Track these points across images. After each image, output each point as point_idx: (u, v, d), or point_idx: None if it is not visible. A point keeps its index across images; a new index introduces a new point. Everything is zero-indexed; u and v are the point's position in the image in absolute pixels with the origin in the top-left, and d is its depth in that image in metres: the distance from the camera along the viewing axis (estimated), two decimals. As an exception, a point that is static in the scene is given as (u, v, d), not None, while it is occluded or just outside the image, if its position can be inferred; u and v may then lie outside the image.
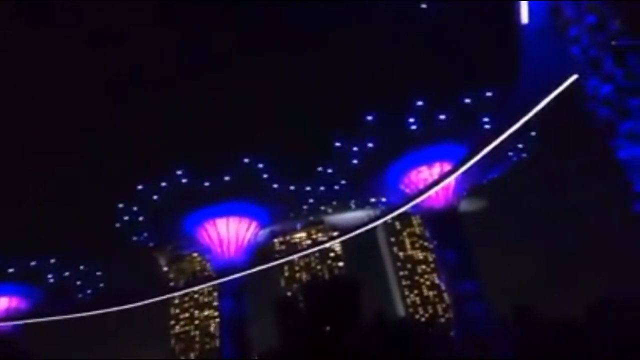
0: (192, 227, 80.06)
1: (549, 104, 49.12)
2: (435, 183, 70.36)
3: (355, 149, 74.00)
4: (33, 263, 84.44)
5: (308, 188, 79.77)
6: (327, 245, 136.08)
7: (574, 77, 43.90)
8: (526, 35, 43.64)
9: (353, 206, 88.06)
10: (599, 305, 63.61)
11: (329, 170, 76.30)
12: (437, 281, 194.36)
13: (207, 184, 75.24)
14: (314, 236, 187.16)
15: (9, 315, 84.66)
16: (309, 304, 55.68)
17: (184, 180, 75.18)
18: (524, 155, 79.74)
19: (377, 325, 52.16)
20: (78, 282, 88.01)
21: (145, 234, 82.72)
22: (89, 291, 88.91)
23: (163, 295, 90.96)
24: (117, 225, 78.98)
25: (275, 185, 77.38)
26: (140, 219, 78.70)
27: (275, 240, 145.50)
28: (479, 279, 72.86)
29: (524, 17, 42.54)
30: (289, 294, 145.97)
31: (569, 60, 40.58)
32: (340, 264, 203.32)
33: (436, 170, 74.30)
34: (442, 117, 69.88)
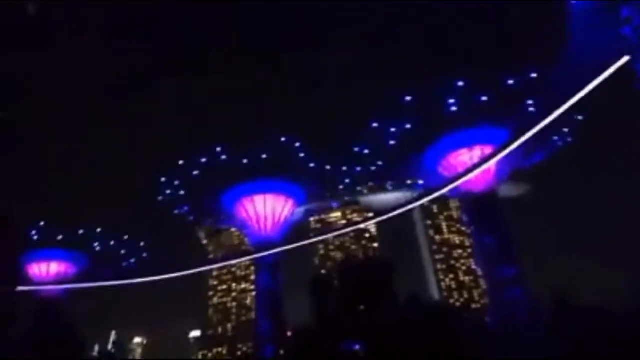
0: (230, 203, 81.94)
1: (597, 86, 47.03)
2: (476, 167, 68.93)
3: (393, 129, 73.28)
4: (81, 232, 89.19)
5: (344, 168, 79.78)
6: (362, 225, 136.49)
7: (625, 58, 41.81)
8: (575, 14, 41.75)
9: (390, 188, 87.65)
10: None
11: (366, 151, 75.99)
12: (473, 266, 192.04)
13: (245, 161, 76.65)
14: (349, 216, 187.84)
15: (59, 280, 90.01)
16: (343, 283, 56.35)
17: (223, 157, 76.88)
18: (570, 139, 76.97)
19: (410, 306, 52.27)
20: (122, 252, 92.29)
21: (186, 208, 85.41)
22: (132, 260, 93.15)
23: (202, 267, 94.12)
24: (160, 198, 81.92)
25: (311, 165, 77.95)
26: (181, 193, 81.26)
27: (311, 219, 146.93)
28: (518, 265, 71.46)
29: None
30: (323, 272, 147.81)
31: (620, 41, 38.65)
32: (375, 245, 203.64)
33: (476, 153, 72.60)
34: (484, 98, 68.04)
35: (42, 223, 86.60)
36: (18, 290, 70.86)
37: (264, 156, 76.19)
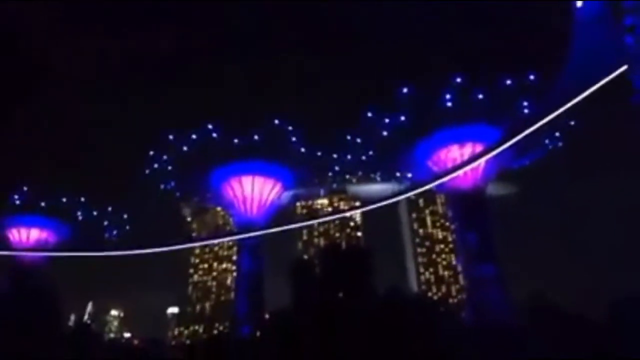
0: (218, 182, 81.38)
1: (593, 93, 47.17)
2: (465, 163, 69.18)
3: (386, 120, 73.08)
4: (64, 200, 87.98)
5: (335, 155, 79.56)
6: (348, 213, 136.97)
7: (624, 67, 41.89)
8: (578, 20, 41.66)
9: (378, 178, 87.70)
10: (622, 303, 61.60)
11: (358, 140, 75.77)
12: (454, 262, 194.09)
13: (236, 140, 75.98)
14: (335, 204, 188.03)
15: (39, 247, 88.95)
16: (324, 268, 56.49)
17: (214, 135, 76.08)
18: (560, 144, 77.46)
19: (389, 296, 52.63)
20: (105, 222, 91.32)
21: (173, 183, 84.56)
22: (114, 232, 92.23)
23: (184, 244, 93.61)
24: (147, 171, 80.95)
25: (302, 149, 77.58)
26: (169, 168, 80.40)
27: (298, 204, 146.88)
28: (498, 264, 72.25)
29: (578, 1, 40.53)
30: (305, 257, 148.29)
31: (621, 50, 38.68)
32: (359, 234, 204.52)
33: (467, 150, 72.86)
34: (480, 96, 68.08)
35: (25, 188, 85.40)
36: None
37: (256, 137, 75.63)
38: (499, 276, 70.62)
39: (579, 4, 41.33)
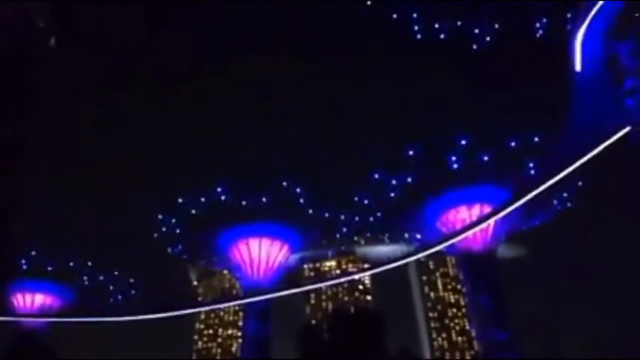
0: (225, 244, 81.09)
1: (598, 155, 47.69)
2: (474, 224, 68.84)
3: (393, 182, 73.68)
4: (71, 264, 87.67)
5: (342, 217, 79.68)
6: (357, 276, 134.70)
7: (626, 129, 42.60)
8: (579, 83, 42.91)
9: (387, 240, 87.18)
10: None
11: (365, 201, 76.09)
12: (467, 327, 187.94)
13: (244, 202, 76.48)
14: (344, 266, 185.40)
15: (42, 312, 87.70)
16: (333, 333, 54.95)
17: (222, 197, 76.76)
18: (569, 204, 77.21)
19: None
20: (110, 287, 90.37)
21: (180, 247, 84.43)
22: (119, 296, 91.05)
23: (191, 309, 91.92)
24: (155, 235, 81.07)
25: (310, 211, 77.77)
26: (177, 231, 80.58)
27: (305, 266, 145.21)
28: (512, 329, 70.04)
29: (577, 65, 41.94)
30: (313, 322, 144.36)
31: (622, 112, 39.52)
32: (368, 297, 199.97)
33: (476, 211, 72.79)
34: (486, 158, 68.88)
35: (33, 253, 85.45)
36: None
37: (264, 199, 76.16)
38: (512, 342, 68.33)
39: (578, 67, 42.67)
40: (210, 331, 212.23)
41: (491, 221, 68.04)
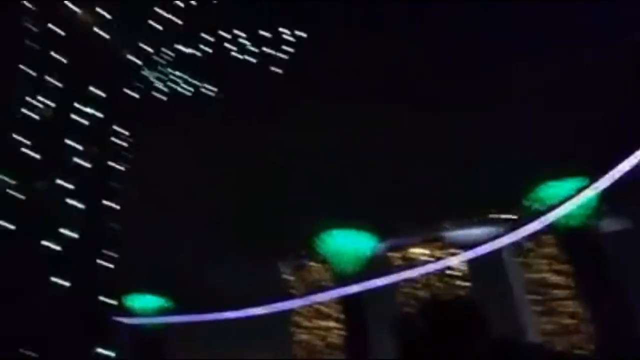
0: (314, 237, 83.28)
1: None
2: (567, 199, 64.90)
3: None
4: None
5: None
6: (448, 263, 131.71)
7: None
8: None
9: (475, 222, 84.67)
10: None
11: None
12: (575, 308, 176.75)
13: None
14: (433, 252, 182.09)
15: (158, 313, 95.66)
16: (431, 322, 54.52)
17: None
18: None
19: (507, 347, 49.43)
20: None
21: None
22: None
23: (286, 301, 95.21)
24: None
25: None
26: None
27: (393, 254, 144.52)
28: (628, 302, 65.25)
29: None
30: (407, 310, 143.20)
31: None
32: (464, 283, 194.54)
33: (569, 185, 68.49)
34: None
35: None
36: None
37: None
38: (630, 314, 63.50)
39: None
40: (309, 323, 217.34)
41: (587, 194, 63.74)
